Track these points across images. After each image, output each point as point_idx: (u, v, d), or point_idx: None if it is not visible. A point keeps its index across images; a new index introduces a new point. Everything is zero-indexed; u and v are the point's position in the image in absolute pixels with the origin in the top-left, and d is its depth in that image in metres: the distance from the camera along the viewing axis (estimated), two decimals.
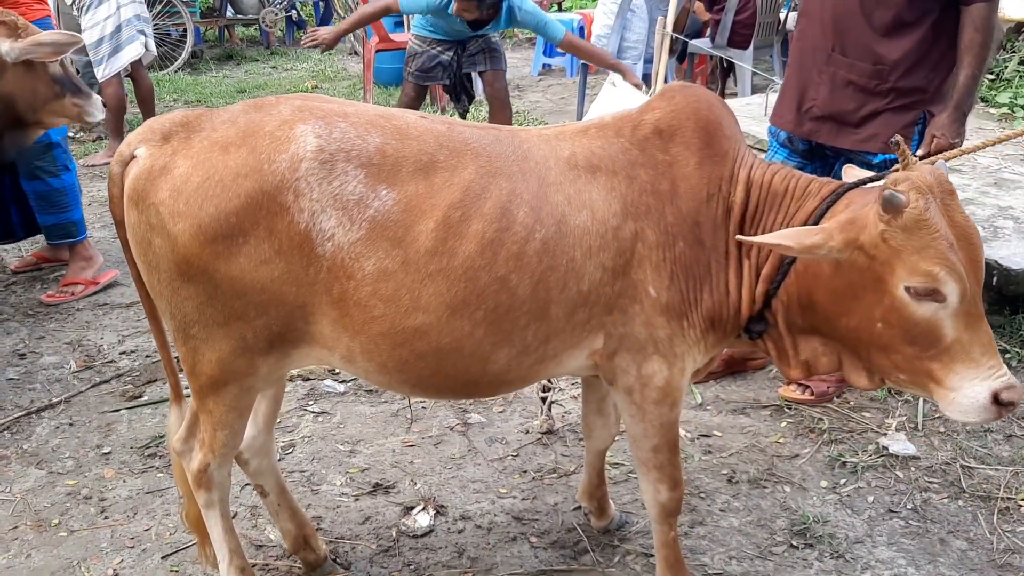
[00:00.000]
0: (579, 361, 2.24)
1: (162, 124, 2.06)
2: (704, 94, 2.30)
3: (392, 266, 1.98)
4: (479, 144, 2.10)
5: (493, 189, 2.03)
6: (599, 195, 2.11)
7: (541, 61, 10.77)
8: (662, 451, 2.33)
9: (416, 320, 2.01)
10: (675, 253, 2.13)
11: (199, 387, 2.18)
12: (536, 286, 2.05)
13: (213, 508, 2.38)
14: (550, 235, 2.05)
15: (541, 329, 2.10)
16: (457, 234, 1.99)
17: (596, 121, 2.27)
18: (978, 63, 3.04)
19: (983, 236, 4.01)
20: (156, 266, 2.05)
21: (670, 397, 2.25)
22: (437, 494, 3.05)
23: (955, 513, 2.97)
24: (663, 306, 2.14)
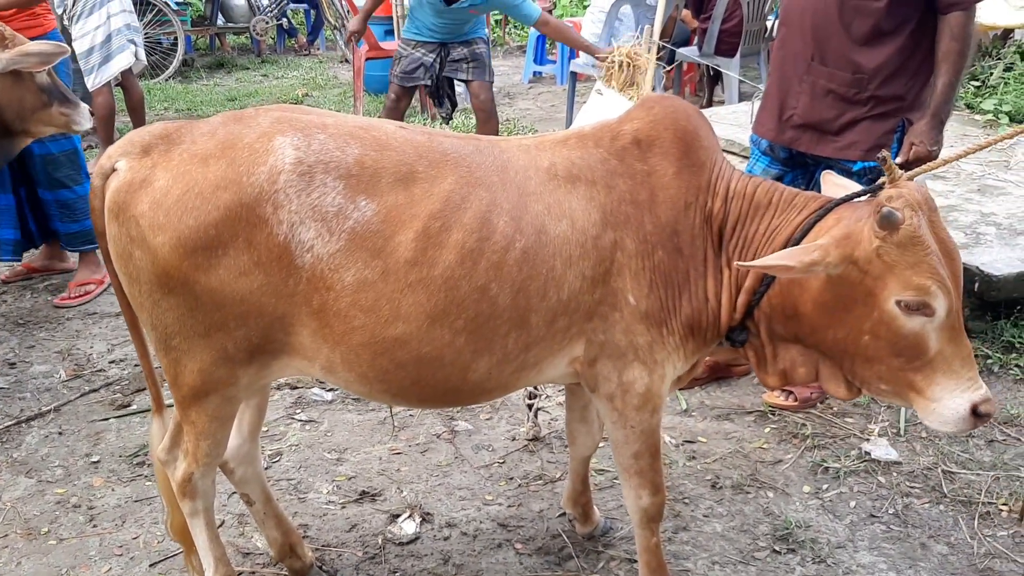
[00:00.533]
0: (560, 369, 2.27)
1: (142, 137, 2.08)
2: (682, 105, 2.33)
3: (372, 276, 2.00)
4: (459, 154, 2.12)
5: (473, 199, 2.05)
6: (579, 205, 2.13)
7: (532, 69, 10.80)
8: (643, 457, 2.36)
9: (396, 330, 2.03)
10: (654, 261, 2.16)
11: (181, 398, 2.20)
12: (516, 295, 2.07)
13: (198, 517, 2.40)
14: (530, 244, 2.07)
15: (521, 337, 2.13)
16: (437, 244, 2.01)
17: (575, 131, 2.30)
18: (955, 71, 3.08)
19: (965, 243, 4.07)
20: (137, 278, 2.07)
21: (651, 403, 2.28)
22: (423, 501, 3.08)
23: (936, 518, 3.00)
24: (642, 313, 2.17)
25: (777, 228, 2.19)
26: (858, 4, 3.11)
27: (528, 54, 10.86)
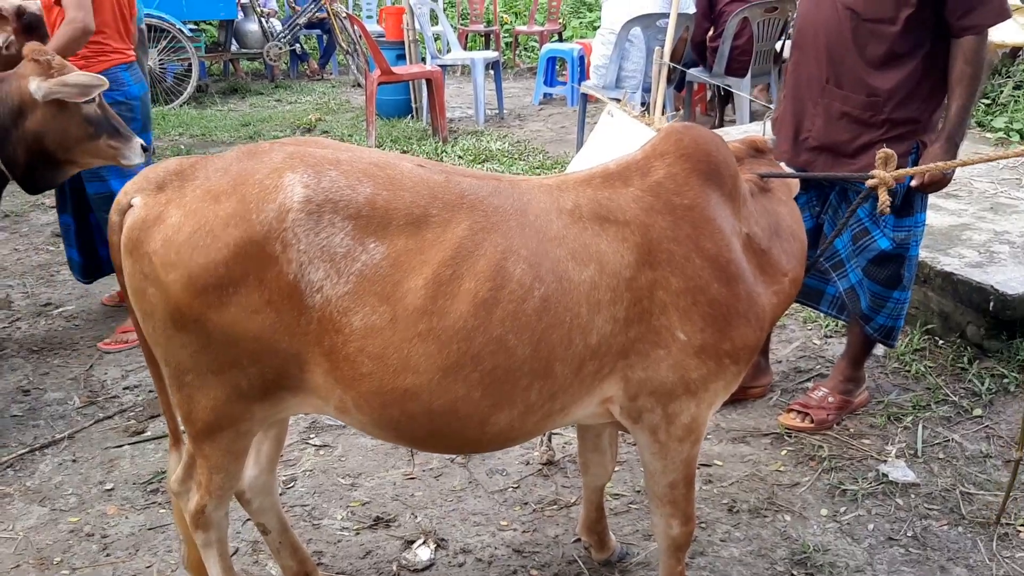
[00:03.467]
0: (590, 410, 2.21)
1: (157, 173, 2.07)
2: (708, 134, 2.30)
3: (380, 323, 1.94)
4: (476, 197, 2.05)
5: (487, 246, 1.99)
6: (608, 247, 2.07)
7: (542, 90, 10.85)
8: (679, 487, 2.34)
9: (406, 381, 1.97)
10: (709, 296, 2.12)
11: (195, 432, 2.19)
12: (537, 345, 2.00)
13: (211, 548, 2.38)
14: (551, 292, 2.00)
15: (546, 387, 2.06)
16: (448, 293, 1.94)
17: (600, 170, 2.24)
18: (969, 94, 3.08)
19: (979, 261, 4.05)
20: (151, 314, 2.05)
21: (694, 434, 2.25)
22: (438, 527, 3.06)
23: (955, 540, 2.97)
24: (696, 348, 2.12)
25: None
26: (872, 27, 3.12)
27: (538, 76, 10.91)
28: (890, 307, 3.42)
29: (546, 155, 7.93)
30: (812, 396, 3.66)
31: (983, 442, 3.48)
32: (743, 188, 2.31)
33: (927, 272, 4.15)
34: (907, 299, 3.44)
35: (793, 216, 2.46)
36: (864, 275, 3.41)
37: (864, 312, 3.47)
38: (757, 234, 2.29)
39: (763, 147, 2.59)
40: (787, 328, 4.55)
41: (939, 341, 4.17)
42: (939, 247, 4.32)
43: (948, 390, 3.83)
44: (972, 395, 3.78)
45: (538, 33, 13.47)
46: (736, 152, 2.51)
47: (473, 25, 13.90)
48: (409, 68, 9.02)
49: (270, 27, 12.50)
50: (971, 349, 4.03)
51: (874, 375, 3.99)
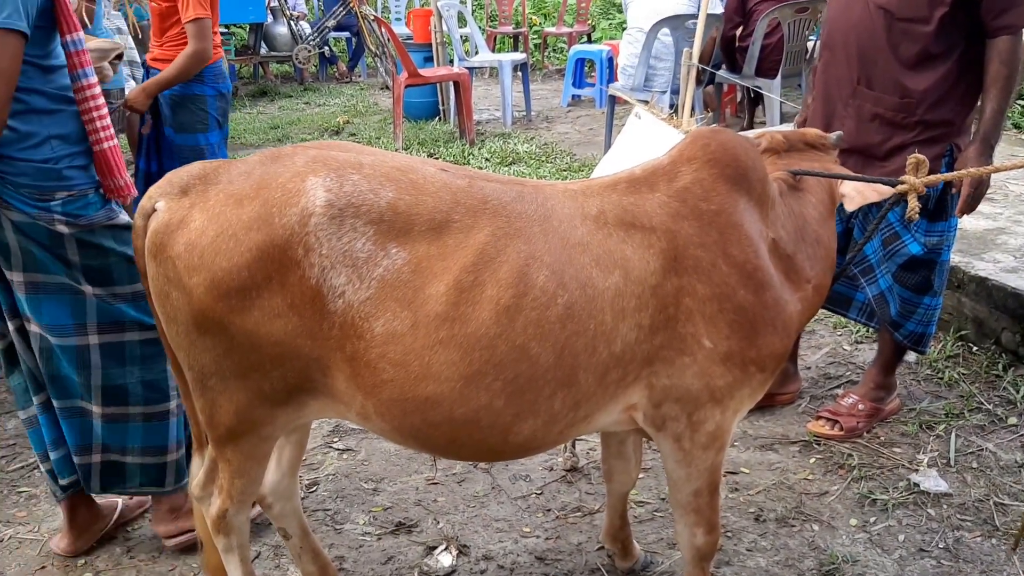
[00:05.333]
0: (613, 417, 2.18)
1: (181, 177, 2.06)
2: (736, 138, 2.26)
3: (401, 329, 1.92)
4: (499, 202, 2.02)
5: (510, 252, 1.96)
6: (634, 253, 2.03)
7: (570, 92, 10.81)
8: (703, 495, 2.30)
9: (427, 388, 1.94)
10: (735, 303, 2.08)
11: (217, 437, 2.18)
12: (561, 353, 1.97)
13: (232, 553, 2.38)
14: (575, 299, 1.97)
15: (569, 396, 2.02)
16: (470, 300, 1.92)
17: (625, 175, 2.20)
18: (1004, 96, 3.01)
19: (1015, 266, 3.96)
20: (174, 318, 2.05)
21: (719, 441, 2.22)
22: (460, 533, 3.04)
23: (988, 552, 2.90)
24: (722, 355, 2.09)
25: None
26: (906, 27, 3.05)
27: (567, 77, 10.87)
28: (920, 313, 3.35)
29: (573, 157, 7.89)
30: (842, 403, 3.60)
31: (1018, 451, 3.40)
32: (772, 191, 2.26)
33: (961, 277, 4.07)
34: (938, 305, 3.37)
35: (821, 221, 2.40)
36: (894, 280, 3.35)
37: (894, 319, 3.40)
38: (783, 238, 2.25)
39: (816, 142, 2.52)
40: (816, 334, 4.48)
41: (973, 348, 4.09)
42: (973, 251, 4.24)
43: (982, 398, 3.75)
44: (1007, 403, 3.70)
45: (567, 34, 13.43)
46: (776, 145, 2.46)
47: (502, 27, 13.88)
48: (436, 70, 9.02)
49: (299, 30, 12.57)
50: (1006, 356, 3.94)
51: (906, 382, 3.91)
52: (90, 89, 2.56)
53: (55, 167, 2.51)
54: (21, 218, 2.51)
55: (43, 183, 2.51)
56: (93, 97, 2.57)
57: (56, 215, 2.53)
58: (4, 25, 2.27)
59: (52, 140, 2.51)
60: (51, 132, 2.51)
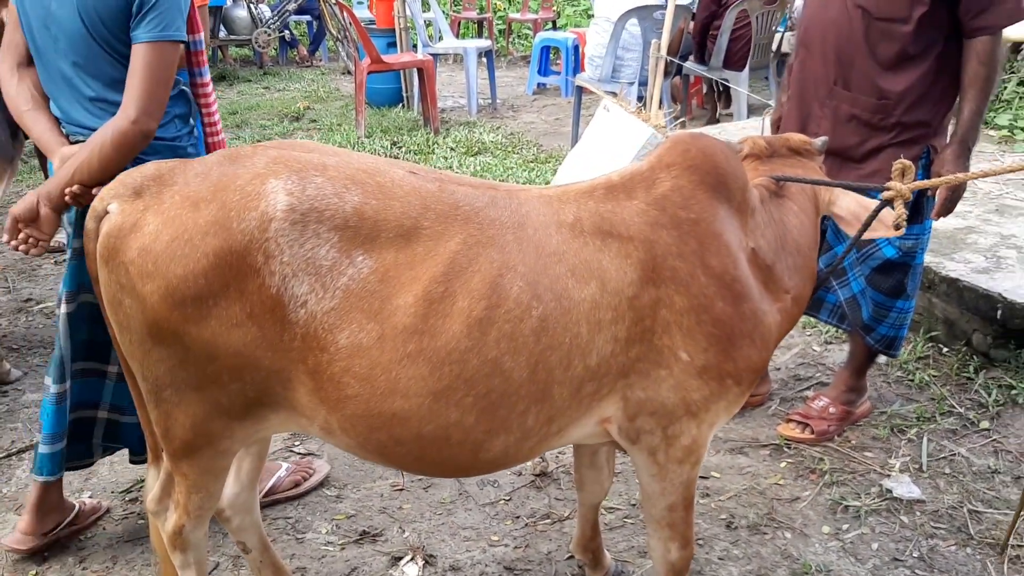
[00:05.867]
0: (586, 430, 2.10)
1: (134, 178, 1.94)
2: (716, 144, 2.17)
3: (367, 342, 1.82)
4: (471, 208, 1.93)
5: (482, 261, 1.87)
6: (611, 263, 1.95)
7: (535, 80, 10.71)
8: (678, 510, 2.24)
9: (394, 404, 1.85)
10: (713, 315, 2.00)
11: (173, 451, 2.07)
12: (535, 368, 1.88)
13: (189, 569, 2.28)
14: (550, 311, 1.88)
15: (543, 412, 1.94)
16: (440, 312, 1.83)
17: (603, 180, 2.12)
18: (982, 97, 2.97)
19: (985, 267, 3.94)
20: (127, 327, 1.94)
21: (694, 455, 2.15)
22: (426, 542, 2.95)
23: (963, 561, 2.87)
24: (699, 368, 2.01)
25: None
26: (885, 27, 2.99)
27: (532, 65, 10.77)
28: (893, 317, 3.31)
29: (540, 148, 7.80)
30: (812, 406, 3.56)
31: (991, 457, 3.38)
32: (752, 199, 2.19)
33: (931, 278, 4.05)
34: (911, 308, 3.34)
35: (802, 229, 2.33)
36: (867, 284, 3.31)
37: (866, 322, 3.36)
38: (763, 248, 2.18)
39: (800, 147, 2.44)
40: None
41: (944, 349, 4.07)
42: (944, 251, 4.22)
43: (954, 401, 3.73)
44: (979, 406, 3.68)
45: (532, 21, 13.30)
46: (759, 151, 2.38)
47: (466, 12, 13.72)
48: (400, 57, 8.86)
49: (259, 13, 12.30)
50: (977, 358, 3.93)
51: (876, 384, 3.89)
52: (205, 87, 2.81)
53: (179, 144, 2.69)
54: None
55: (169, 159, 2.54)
56: (207, 95, 2.82)
57: None
58: (175, 38, 2.45)
59: (176, 119, 2.67)
60: (175, 112, 2.66)
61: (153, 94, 2.41)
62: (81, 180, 2.40)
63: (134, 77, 2.41)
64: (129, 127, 2.38)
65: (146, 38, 2.41)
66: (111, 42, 2.47)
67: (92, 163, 2.39)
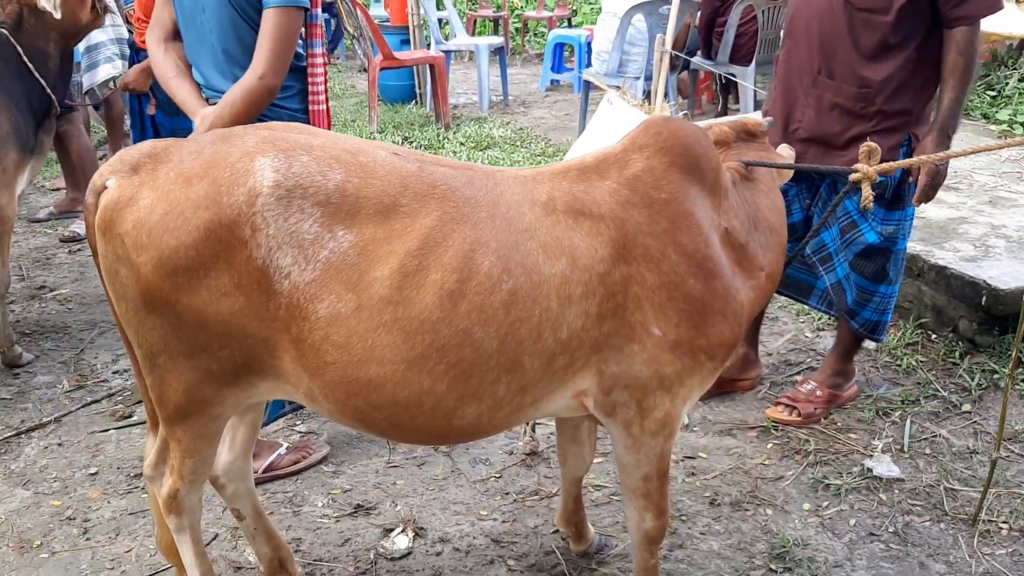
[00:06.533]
0: (562, 402, 2.19)
1: (131, 155, 2.06)
2: (689, 127, 2.27)
3: (345, 311, 1.93)
4: (448, 187, 2.03)
5: (456, 237, 1.96)
6: (582, 241, 2.04)
7: (549, 77, 10.80)
8: (652, 480, 2.32)
9: (370, 371, 1.95)
10: (684, 291, 2.09)
11: (167, 416, 2.18)
12: (504, 339, 1.98)
13: (184, 533, 2.39)
14: (519, 285, 1.97)
15: (514, 381, 2.03)
16: (414, 284, 1.93)
17: (577, 162, 2.21)
18: (962, 86, 3.04)
19: (974, 255, 4.01)
20: (123, 296, 2.05)
21: (668, 427, 2.23)
22: (417, 516, 3.06)
23: (936, 536, 2.95)
24: (671, 343, 2.10)
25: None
26: (866, 18, 3.08)
27: (545, 62, 10.86)
28: (876, 302, 3.39)
29: (548, 142, 7.89)
30: (800, 389, 3.64)
31: (970, 438, 3.45)
32: (725, 180, 2.28)
33: (921, 266, 4.12)
34: (894, 293, 3.41)
35: (773, 208, 2.43)
36: (851, 269, 3.38)
37: (850, 307, 3.44)
38: (736, 228, 2.27)
39: (755, 130, 2.55)
40: (779, 320, 4.52)
41: (932, 336, 4.14)
42: (935, 240, 4.28)
43: (938, 385, 3.80)
44: (962, 390, 3.75)
45: (547, 18, 13.38)
46: (725, 137, 2.48)
47: (482, 10, 13.82)
48: (412, 53, 8.98)
49: None
50: (963, 344, 3.99)
51: (865, 369, 3.96)
52: (317, 57, 3.00)
53: (298, 117, 2.94)
54: None
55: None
56: (318, 65, 3.01)
57: None
58: (300, 4, 2.72)
59: (298, 94, 2.96)
60: (297, 87, 2.96)
61: (279, 54, 2.70)
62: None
63: (263, 39, 2.70)
64: (256, 83, 2.69)
65: (275, 3, 2.68)
66: (247, 10, 2.77)
67: (224, 117, 2.70)
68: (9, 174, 4.01)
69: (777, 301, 4.57)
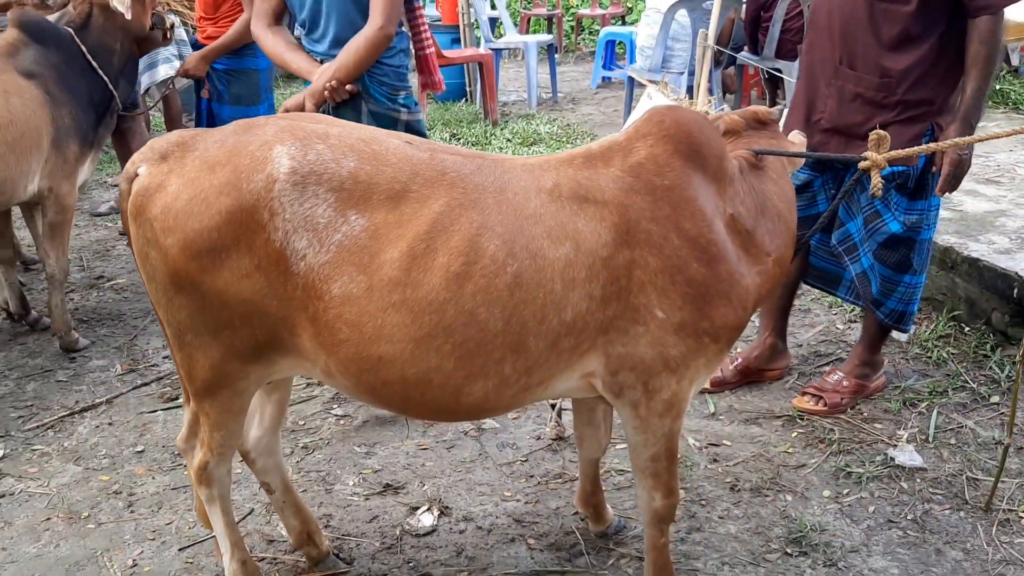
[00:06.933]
0: (571, 383, 2.26)
1: (161, 144, 2.20)
2: (692, 115, 2.33)
3: (356, 292, 2.03)
4: (457, 174, 2.12)
5: (463, 221, 2.06)
6: (586, 226, 2.11)
7: (600, 74, 10.85)
8: (660, 460, 2.39)
9: (380, 349, 2.05)
10: (687, 275, 2.15)
11: (195, 391, 2.32)
12: (509, 320, 2.06)
13: (214, 503, 2.52)
14: (524, 268, 2.05)
15: (520, 361, 2.11)
16: (422, 266, 2.03)
17: (583, 150, 2.29)
18: (985, 75, 3.05)
19: (1009, 248, 3.99)
20: (153, 277, 2.19)
21: (675, 408, 2.30)
22: (444, 496, 3.16)
23: (955, 524, 2.96)
24: (675, 326, 2.16)
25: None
26: (887, 8, 3.10)
27: (596, 59, 10.91)
28: (901, 292, 3.40)
29: (593, 138, 7.93)
30: (827, 380, 3.66)
31: (996, 428, 3.44)
32: (730, 168, 2.34)
33: (954, 258, 4.11)
34: (919, 284, 3.42)
35: (782, 195, 2.47)
36: (875, 259, 3.40)
37: (875, 297, 3.46)
38: (742, 214, 2.32)
39: (766, 119, 2.60)
40: (811, 312, 4.53)
41: (965, 328, 4.12)
42: (970, 233, 4.26)
43: (967, 377, 3.79)
44: (991, 382, 3.74)
45: (601, 16, 13.42)
46: (735, 126, 2.54)
47: (536, 8, 13.90)
48: (460, 52, 9.11)
49: None
50: (995, 336, 3.97)
51: (895, 360, 3.96)
52: (420, 10, 3.65)
53: (403, 71, 3.47)
54: (376, 108, 3.43)
55: (395, 83, 3.44)
56: (422, 16, 3.65)
57: (399, 107, 3.47)
58: None
59: (401, 52, 3.44)
60: (401, 46, 3.44)
61: (394, 5, 3.20)
62: (338, 77, 3.24)
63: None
64: (377, 32, 3.19)
65: None
66: None
67: (348, 63, 3.22)
68: (70, 165, 4.23)
69: (810, 293, 4.58)
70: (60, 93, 4.16)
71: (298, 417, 3.72)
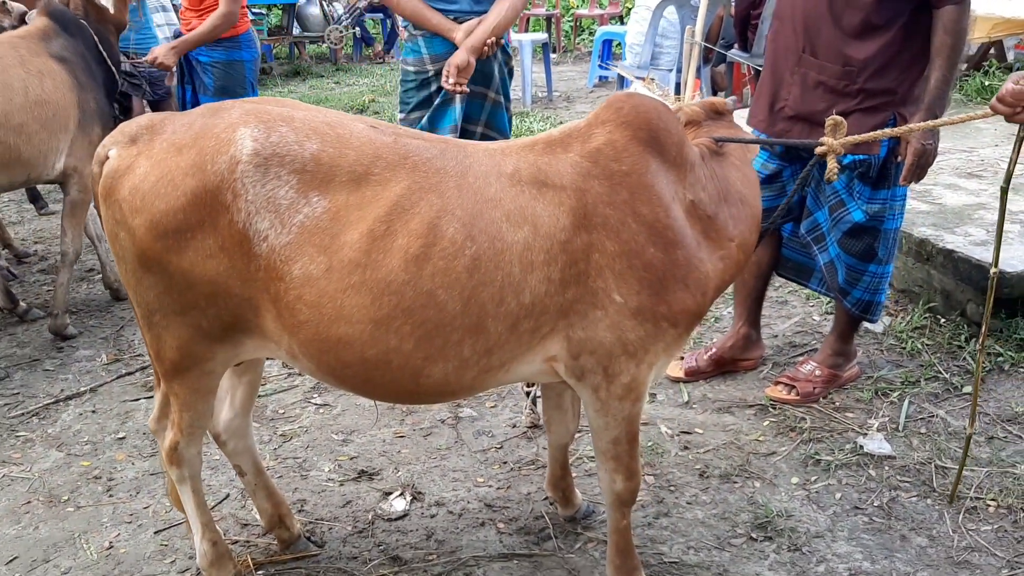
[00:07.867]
0: (533, 367, 2.30)
1: (131, 128, 2.25)
2: (650, 102, 2.37)
3: (316, 272, 2.07)
4: (419, 158, 2.16)
5: (423, 204, 2.10)
6: (544, 210, 2.15)
7: (596, 73, 10.89)
8: (621, 443, 2.43)
9: (339, 330, 2.09)
10: (644, 260, 2.19)
11: (164, 371, 2.37)
12: (468, 302, 2.10)
13: (184, 484, 2.56)
14: (482, 251, 2.10)
15: (479, 343, 2.15)
16: (381, 248, 2.06)
17: (544, 136, 2.34)
18: (949, 66, 3.08)
19: (985, 240, 4.02)
20: (123, 257, 2.24)
21: (634, 392, 2.34)
22: (417, 482, 3.21)
23: (921, 511, 3.00)
24: (633, 310, 2.20)
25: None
26: None
27: (593, 58, 10.95)
28: (867, 281, 3.44)
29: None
30: (800, 369, 3.70)
31: (967, 419, 3.46)
32: (690, 154, 2.38)
33: (930, 250, 4.14)
34: (885, 274, 3.45)
35: (745, 181, 2.51)
36: (840, 248, 3.43)
37: (841, 286, 3.49)
38: (703, 200, 2.36)
39: (722, 109, 2.64)
40: (788, 304, 4.57)
41: (940, 320, 4.15)
42: (946, 225, 4.29)
43: (941, 367, 3.82)
44: (965, 373, 3.77)
45: (599, 16, 13.48)
46: (695, 116, 2.58)
47: (535, 8, 13.96)
48: None
49: (331, 11, 12.77)
50: (970, 327, 4.00)
51: (869, 351, 4.00)
52: None
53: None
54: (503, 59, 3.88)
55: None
56: None
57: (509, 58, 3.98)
58: None
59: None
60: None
61: None
62: (496, 34, 3.67)
63: None
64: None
65: None
66: None
67: (502, 22, 3.67)
68: (95, 147, 4.34)
69: (788, 286, 4.62)
70: (86, 79, 4.39)
71: (278, 406, 3.77)
